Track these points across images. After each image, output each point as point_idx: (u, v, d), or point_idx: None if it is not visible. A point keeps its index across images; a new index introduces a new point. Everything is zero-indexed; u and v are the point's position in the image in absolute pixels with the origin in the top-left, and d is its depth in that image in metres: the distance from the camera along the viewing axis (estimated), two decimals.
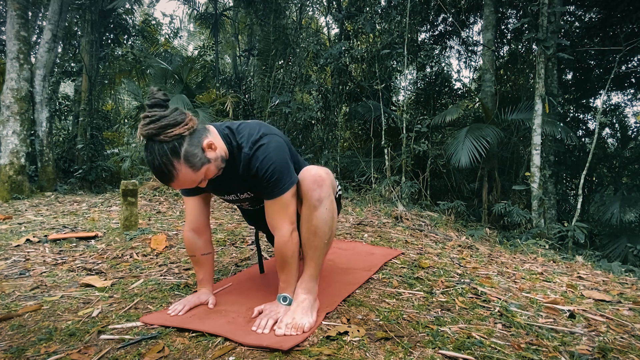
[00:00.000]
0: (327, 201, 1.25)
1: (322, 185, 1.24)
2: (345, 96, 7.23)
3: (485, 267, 2.19)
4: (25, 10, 5.68)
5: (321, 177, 1.24)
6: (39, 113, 5.98)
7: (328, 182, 1.26)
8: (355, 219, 3.45)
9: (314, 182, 1.23)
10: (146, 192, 4.72)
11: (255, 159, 1.20)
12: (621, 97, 9.04)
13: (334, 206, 1.29)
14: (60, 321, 1.25)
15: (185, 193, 1.40)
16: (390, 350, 1.08)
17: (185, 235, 1.43)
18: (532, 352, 1.13)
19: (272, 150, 1.20)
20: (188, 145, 1.09)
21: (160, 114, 1.06)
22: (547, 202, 5.24)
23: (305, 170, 1.27)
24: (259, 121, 1.31)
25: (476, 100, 7.40)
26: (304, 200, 1.26)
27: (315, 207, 1.23)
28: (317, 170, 1.26)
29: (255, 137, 1.22)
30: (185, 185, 1.14)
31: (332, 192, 1.30)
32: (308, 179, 1.24)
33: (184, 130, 1.08)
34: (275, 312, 1.24)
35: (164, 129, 1.05)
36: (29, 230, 2.69)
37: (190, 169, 1.10)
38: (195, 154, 1.10)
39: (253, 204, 1.46)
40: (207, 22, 9.07)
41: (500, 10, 7.99)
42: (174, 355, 1.04)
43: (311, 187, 1.23)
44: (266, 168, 1.19)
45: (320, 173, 1.25)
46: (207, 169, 1.14)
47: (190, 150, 1.09)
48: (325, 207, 1.24)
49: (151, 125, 1.05)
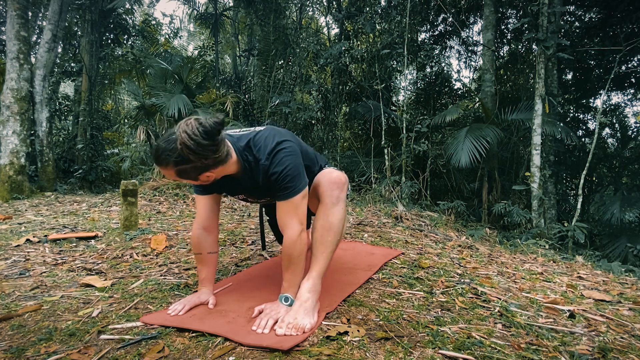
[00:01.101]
0: (343, 203, 1.38)
1: (342, 188, 1.38)
2: (345, 96, 7.23)
3: (485, 267, 2.19)
4: (25, 10, 5.68)
5: (341, 180, 1.38)
6: (39, 113, 5.98)
7: (346, 186, 1.40)
8: (355, 219, 3.45)
9: (334, 184, 1.36)
10: (146, 192, 4.72)
11: (271, 166, 1.27)
12: (621, 97, 9.03)
13: (345, 209, 1.41)
14: (60, 321, 1.25)
15: (198, 192, 1.44)
16: (390, 350, 1.08)
17: (195, 232, 1.44)
18: (532, 352, 1.13)
19: (286, 155, 1.27)
20: (191, 169, 1.16)
21: (202, 143, 1.11)
22: (547, 202, 5.24)
23: (327, 173, 1.41)
24: (271, 127, 1.37)
25: (476, 100, 7.40)
26: (323, 198, 1.36)
27: (334, 204, 1.35)
28: (338, 174, 1.39)
29: (271, 146, 1.28)
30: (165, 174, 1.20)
31: (346, 195, 1.42)
32: (329, 180, 1.37)
33: (198, 164, 1.15)
34: (276, 312, 1.24)
35: (188, 150, 1.10)
36: (29, 230, 2.69)
37: (176, 175, 1.18)
38: (189, 175, 1.18)
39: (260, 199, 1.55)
40: (207, 22, 9.06)
41: (500, 10, 7.99)
42: (174, 355, 1.04)
43: (331, 187, 1.36)
44: (280, 171, 1.26)
45: (341, 177, 1.39)
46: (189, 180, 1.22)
47: (188, 171, 1.16)
48: (342, 206, 1.37)
49: (188, 142, 1.09)
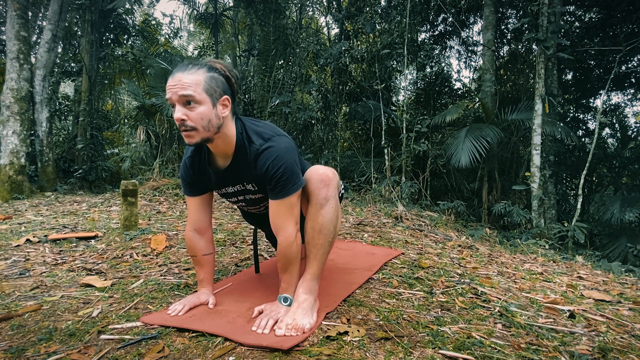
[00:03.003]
0: (333, 200, 1.27)
1: (329, 184, 1.27)
2: (345, 96, 7.23)
3: (485, 267, 2.19)
4: (25, 10, 5.67)
5: (328, 177, 1.27)
6: (39, 113, 5.98)
7: (334, 182, 1.29)
8: (355, 219, 3.45)
9: (321, 182, 1.26)
10: (146, 192, 4.72)
11: (266, 157, 1.21)
12: (621, 97, 9.03)
13: (339, 206, 1.32)
14: (60, 321, 1.25)
15: (187, 193, 1.40)
16: (390, 350, 1.08)
17: (187, 235, 1.42)
18: (532, 352, 1.13)
19: (284, 150, 1.21)
20: (219, 81, 1.19)
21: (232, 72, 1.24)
22: (547, 202, 5.24)
23: (313, 170, 1.30)
24: (271, 123, 1.33)
25: (476, 100, 7.40)
26: (311, 199, 1.27)
27: (322, 205, 1.26)
28: (325, 170, 1.29)
29: (267, 135, 1.23)
30: (180, 82, 1.13)
31: (337, 192, 1.32)
32: (315, 178, 1.27)
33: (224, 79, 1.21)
34: (276, 312, 1.24)
35: (218, 64, 1.21)
36: (29, 230, 2.69)
37: (204, 84, 1.15)
38: (215, 86, 1.17)
39: (256, 203, 1.43)
40: (207, 22, 9.06)
41: (500, 10, 7.99)
42: (174, 355, 1.04)
43: (318, 186, 1.26)
44: (277, 167, 1.19)
45: (327, 173, 1.28)
46: (202, 108, 1.15)
47: (216, 80, 1.18)
48: (332, 206, 1.27)
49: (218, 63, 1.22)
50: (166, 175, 5.62)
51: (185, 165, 1.37)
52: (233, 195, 1.39)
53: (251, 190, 1.34)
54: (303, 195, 1.30)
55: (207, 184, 1.38)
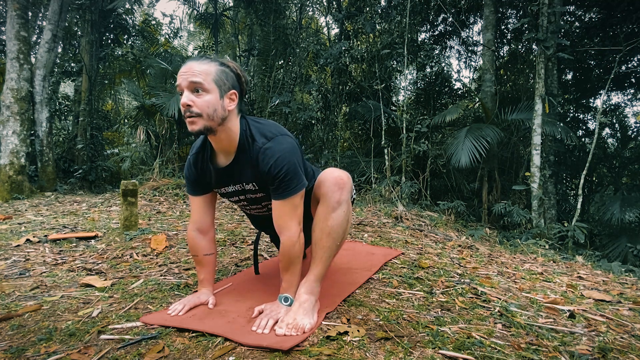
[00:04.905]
0: (345, 205, 1.27)
1: (344, 188, 1.27)
2: (345, 96, 7.23)
3: (485, 267, 2.19)
4: (25, 10, 5.67)
5: (343, 180, 1.27)
6: (39, 113, 5.98)
7: (348, 186, 1.29)
8: (355, 219, 3.45)
9: (335, 184, 1.26)
10: (146, 192, 4.72)
11: (269, 156, 1.20)
12: (621, 97, 9.03)
13: (350, 210, 1.32)
14: (60, 321, 1.25)
15: (191, 192, 1.40)
16: (390, 350, 1.08)
17: (189, 234, 1.42)
18: (532, 352, 1.13)
19: (287, 150, 1.20)
20: (230, 74, 1.21)
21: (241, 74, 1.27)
22: (547, 202, 5.25)
23: (328, 172, 1.30)
24: (275, 123, 1.32)
25: (476, 100, 7.40)
26: (323, 201, 1.27)
27: (334, 208, 1.26)
28: (340, 174, 1.29)
29: (270, 134, 1.23)
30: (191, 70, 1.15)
31: (350, 196, 1.32)
32: (330, 180, 1.27)
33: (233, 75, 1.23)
34: (276, 312, 1.24)
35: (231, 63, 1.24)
36: (29, 230, 2.69)
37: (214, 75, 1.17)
38: (223, 82, 1.19)
39: (258, 202, 1.41)
40: (207, 22, 9.06)
41: (500, 10, 7.99)
42: (174, 355, 1.04)
43: (332, 189, 1.26)
44: (280, 167, 1.19)
45: (343, 176, 1.28)
46: (209, 97, 1.16)
47: (227, 73, 1.21)
48: (343, 210, 1.27)
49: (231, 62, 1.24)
50: (166, 175, 5.62)
51: (189, 163, 1.38)
52: (234, 194, 1.38)
53: (251, 189, 1.33)
54: (314, 196, 1.30)
55: (208, 183, 1.38)
